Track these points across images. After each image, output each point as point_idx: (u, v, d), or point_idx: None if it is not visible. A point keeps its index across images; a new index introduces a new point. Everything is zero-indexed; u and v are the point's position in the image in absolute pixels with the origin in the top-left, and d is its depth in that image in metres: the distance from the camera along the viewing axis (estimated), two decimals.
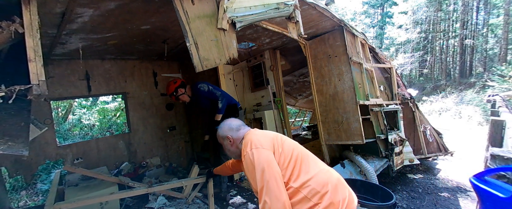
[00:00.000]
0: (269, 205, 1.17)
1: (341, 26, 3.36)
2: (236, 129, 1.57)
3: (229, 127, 1.59)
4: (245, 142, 1.42)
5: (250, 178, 1.35)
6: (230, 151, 1.60)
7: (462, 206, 3.27)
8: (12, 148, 1.23)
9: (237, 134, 1.55)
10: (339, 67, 3.46)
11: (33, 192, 4.06)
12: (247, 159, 1.31)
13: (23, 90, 1.30)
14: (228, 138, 1.56)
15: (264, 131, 1.54)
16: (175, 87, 3.40)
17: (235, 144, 1.56)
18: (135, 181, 4.02)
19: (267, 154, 1.30)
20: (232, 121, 1.64)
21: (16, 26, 1.28)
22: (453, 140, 6.55)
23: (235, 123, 1.62)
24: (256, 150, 1.31)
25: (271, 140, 1.40)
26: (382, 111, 3.68)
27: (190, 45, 1.80)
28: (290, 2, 2.12)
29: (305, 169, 1.31)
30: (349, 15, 26.27)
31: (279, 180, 1.22)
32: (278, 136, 1.47)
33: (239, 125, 1.61)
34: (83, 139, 7.63)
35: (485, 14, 17.68)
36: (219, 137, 1.61)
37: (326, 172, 1.35)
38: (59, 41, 2.87)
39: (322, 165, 1.42)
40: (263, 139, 1.39)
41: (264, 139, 1.39)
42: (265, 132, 1.52)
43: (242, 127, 1.61)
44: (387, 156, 3.61)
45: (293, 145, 1.44)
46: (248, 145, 1.36)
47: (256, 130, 1.59)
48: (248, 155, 1.31)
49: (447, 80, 18.19)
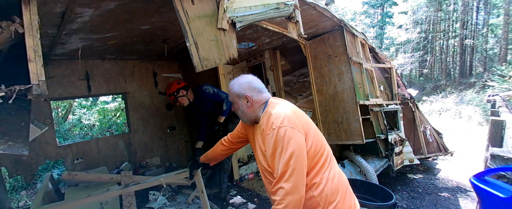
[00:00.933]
0: (286, 192, 1.05)
1: (341, 26, 3.36)
2: (259, 90, 1.34)
3: (251, 85, 1.34)
4: (274, 114, 1.18)
5: (265, 154, 1.21)
6: (244, 113, 1.37)
7: (462, 206, 3.27)
8: (12, 148, 1.23)
9: (259, 96, 1.33)
10: (339, 67, 3.46)
11: (33, 192, 4.05)
12: (275, 134, 1.12)
13: (23, 90, 1.30)
14: (247, 98, 1.31)
15: (295, 108, 1.29)
16: (178, 87, 3.37)
17: (252, 107, 1.33)
18: None
19: (301, 138, 1.13)
20: (253, 78, 1.39)
21: (16, 26, 1.28)
22: (453, 140, 6.55)
23: (257, 82, 1.38)
24: (291, 130, 1.11)
25: (306, 124, 1.21)
26: (382, 111, 3.68)
27: (190, 45, 1.80)
28: (290, 2, 2.12)
29: (326, 168, 1.20)
30: (349, 15, 26.27)
31: (305, 171, 1.11)
32: (310, 122, 1.28)
33: (262, 87, 1.38)
34: (83, 139, 7.63)
35: (485, 14, 17.68)
36: (234, 94, 1.36)
37: (340, 177, 1.26)
38: (59, 41, 2.87)
39: (338, 168, 1.32)
40: (298, 120, 1.18)
41: (299, 120, 1.19)
42: (298, 111, 1.28)
43: (265, 90, 1.39)
44: (387, 156, 3.61)
45: (322, 137, 1.29)
46: (280, 119, 1.14)
47: (282, 101, 1.35)
48: (278, 131, 1.11)
49: (447, 80, 18.18)
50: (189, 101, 3.45)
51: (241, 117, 1.41)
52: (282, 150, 1.09)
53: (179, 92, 3.37)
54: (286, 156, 1.08)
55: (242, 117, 1.40)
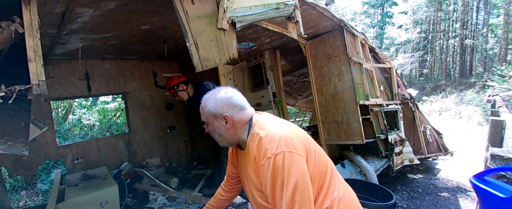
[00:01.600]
0: None
1: (341, 26, 3.36)
2: (240, 107, 1.09)
3: (230, 102, 1.08)
4: (266, 137, 0.95)
5: (261, 188, 1.00)
6: (223, 136, 1.11)
7: (462, 206, 3.27)
8: (12, 148, 1.23)
9: (240, 115, 1.08)
10: (339, 67, 3.46)
11: (33, 192, 4.05)
12: (272, 164, 0.89)
13: (23, 90, 1.30)
14: (225, 118, 1.07)
15: (286, 123, 1.08)
16: (178, 81, 3.35)
17: (233, 129, 1.09)
18: (135, 180, 4.03)
19: (302, 163, 0.91)
20: (232, 93, 1.12)
21: (16, 26, 1.28)
22: (453, 140, 6.55)
23: (237, 96, 1.11)
24: (289, 155, 0.89)
25: (304, 140, 1.00)
26: (382, 111, 3.68)
27: (190, 45, 1.80)
28: (290, 2, 2.12)
29: (334, 187, 1.03)
30: (349, 15, 26.27)
31: (312, 201, 0.91)
32: (307, 137, 1.07)
33: (244, 102, 1.12)
34: (83, 139, 7.63)
35: (485, 14, 17.69)
36: (208, 113, 1.10)
37: (350, 193, 1.10)
38: (59, 41, 2.87)
39: (343, 181, 1.13)
40: (295, 139, 0.96)
41: (296, 138, 0.97)
42: (290, 126, 1.05)
43: (246, 105, 1.13)
44: (387, 156, 3.61)
45: (321, 150, 1.08)
46: (274, 144, 0.91)
47: (267, 116, 1.13)
48: (275, 160, 0.89)
49: (447, 80, 18.18)
50: (188, 96, 3.43)
51: (219, 142, 1.16)
52: (283, 183, 0.88)
53: (179, 86, 3.35)
54: (289, 191, 0.86)
55: (221, 141, 1.15)
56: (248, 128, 1.08)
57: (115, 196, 2.88)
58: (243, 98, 1.15)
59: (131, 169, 4.22)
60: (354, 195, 1.14)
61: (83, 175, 3.39)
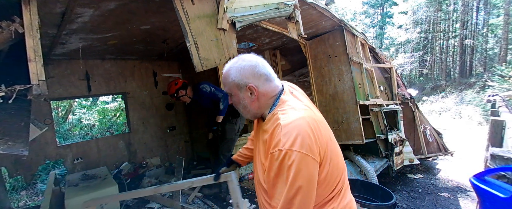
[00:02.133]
0: None
1: (341, 26, 3.36)
2: (267, 77, 0.98)
3: (256, 70, 0.97)
4: (284, 127, 0.84)
5: (264, 167, 0.93)
6: (247, 109, 1.02)
7: (462, 206, 3.27)
8: (12, 148, 1.23)
9: (266, 87, 0.97)
10: (339, 67, 3.46)
11: (33, 192, 4.05)
12: (281, 158, 0.81)
13: (23, 90, 1.30)
14: (251, 89, 0.97)
15: (314, 114, 0.93)
16: (176, 88, 3.43)
17: (258, 102, 0.99)
18: (135, 180, 4.03)
19: (313, 169, 0.83)
20: (257, 61, 1.00)
21: (16, 26, 1.28)
22: (453, 140, 6.55)
23: (263, 65, 0.99)
24: (303, 157, 0.80)
25: (324, 143, 0.88)
26: (382, 111, 3.68)
27: (190, 45, 1.80)
28: (290, 2, 2.12)
29: (342, 196, 0.96)
30: (349, 15, 26.26)
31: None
32: (331, 137, 0.96)
33: (270, 72, 1.00)
34: (83, 139, 7.63)
35: (485, 14, 17.68)
36: (231, 83, 1.01)
37: (351, 199, 1.04)
38: (59, 41, 2.87)
39: (349, 193, 1.04)
40: (317, 139, 0.85)
41: (318, 137, 0.86)
42: (318, 119, 0.91)
43: (273, 76, 1.01)
44: (387, 156, 3.61)
45: (341, 157, 0.98)
46: (290, 139, 0.81)
47: (299, 97, 1.01)
48: (285, 156, 0.80)
49: (447, 80, 18.18)
50: (190, 98, 3.52)
51: (243, 114, 1.07)
52: (286, 181, 0.81)
53: (179, 92, 3.43)
54: (292, 192, 0.80)
55: (245, 113, 1.06)
56: (273, 105, 0.97)
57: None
58: (270, 67, 1.02)
59: (131, 169, 4.22)
60: (354, 203, 1.06)
61: (83, 175, 3.39)
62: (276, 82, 1.01)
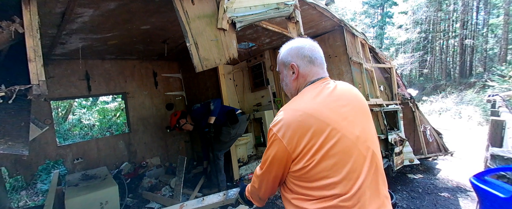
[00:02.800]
0: (255, 188, 1.09)
1: (341, 26, 3.36)
2: (310, 60, 1.00)
3: (301, 52, 1.01)
4: (282, 108, 0.95)
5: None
6: (287, 87, 1.08)
7: (462, 206, 3.27)
8: (12, 148, 1.23)
9: (307, 69, 1.00)
10: (339, 67, 3.46)
11: (33, 192, 4.05)
12: (268, 133, 0.96)
13: (23, 90, 1.30)
14: (293, 68, 1.01)
15: (319, 115, 0.88)
16: (176, 119, 3.49)
17: (297, 82, 1.03)
18: (135, 180, 4.03)
19: (278, 152, 0.91)
20: (306, 44, 1.03)
21: (16, 26, 1.28)
22: (453, 140, 6.55)
23: (310, 49, 1.02)
24: (274, 138, 0.91)
25: (308, 134, 0.86)
26: (382, 111, 3.68)
27: (190, 45, 1.80)
28: (290, 2, 2.12)
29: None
30: (349, 15, 26.27)
31: (269, 185, 1.02)
32: (329, 132, 0.86)
33: (316, 58, 1.01)
34: (83, 139, 7.63)
35: (485, 14, 17.68)
36: (280, 61, 1.07)
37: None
38: (59, 41, 2.87)
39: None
40: (293, 130, 0.87)
41: (295, 131, 0.87)
42: (319, 112, 0.88)
43: (320, 63, 1.02)
44: (387, 156, 3.61)
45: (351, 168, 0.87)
46: (276, 119, 0.91)
47: (322, 90, 0.96)
48: (269, 132, 0.95)
49: (447, 80, 18.18)
50: (192, 125, 3.58)
51: (286, 91, 1.13)
52: (266, 151, 0.97)
53: (179, 122, 3.49)
54: (264, 158, 0.97)
55: (286, 91, 1.11)
56: (304, 87, 1.02)
57: (115, 196, 2.88)
58: (320, 53, 1.04)
59: (131, 169, 4.23)
60: None
61: (83, 175, 3.39)
62: (317, 68, 1.02)
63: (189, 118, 3.55)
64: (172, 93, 4.93)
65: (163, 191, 3.69)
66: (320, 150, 0.86)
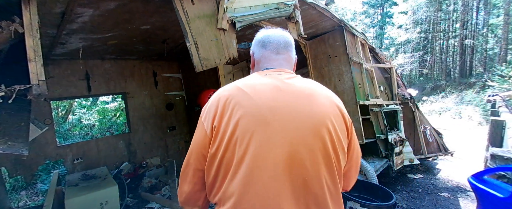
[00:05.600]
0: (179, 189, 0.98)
1: (341, 26, 3.36)
2: (262, 44, 0.96)
3: (258, 38, 0.99)
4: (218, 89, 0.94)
5: None
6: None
7: (462, 206, 3.27)
8: (12, 147, 1.23)
9: (258, 53, 0.97)
10: (339, 67, 3.46)
11: (33, 192, 4.05)
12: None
13: (23, 90, 1.30)
14: (251, 54, 1.02)
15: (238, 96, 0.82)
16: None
17: (254, 68, 1.02)
18: (135, 180, 4.03)
19: (198, 132, 0.88)
20: (269, 31, 0.98)
21: (16, 26, 1.28)
22: (453, 140, 6.54)
23: (267, 35, 0.97)
24: (200, 118, 0.91)
25: (219, 110, 0.82)
26: (382, 111, 3.68)
27: (190, 45, 1.80)
28: (290, 2, 2.12)
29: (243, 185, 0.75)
30: (349, 15, 26.25)
31: (194, 165, 0.90)
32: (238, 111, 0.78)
33: (270, 42, 0.95)
34: (83, 139, 7.63)
35: (485, 14, 17.66)
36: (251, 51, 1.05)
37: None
38: (59, 41, 2.87)
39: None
40: (213, 112, 0.83)
41: (214, 112, 0.83)
42: (237, 101, 0.80)
43: (274, 48, 0.95)
44: (387, 156, 3.61)
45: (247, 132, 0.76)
46: (204, 107, 0.91)
47: (252, 78, 0.90)
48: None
49: (447, 80, 18.18)
50: None
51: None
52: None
53: None
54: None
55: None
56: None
57: (115, 196, 2.89)
58: (276, 38, 0.96)
59: (131, 169, 4.23)
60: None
61: (83, 175, 3.39)
62: (274, 54, 0.95)
63: None
64: (172, 93, 4.93)
65: (163, 191, 3.69)
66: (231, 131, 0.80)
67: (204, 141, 0.85)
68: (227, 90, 0.89)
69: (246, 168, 0.75)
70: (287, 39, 0.97)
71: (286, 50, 0.97)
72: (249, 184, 0.74)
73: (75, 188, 2.93)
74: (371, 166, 3.35)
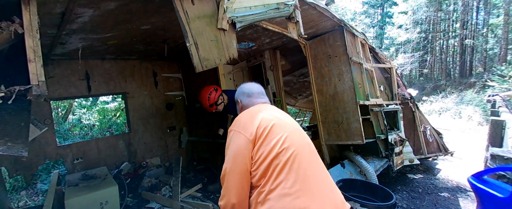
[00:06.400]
0: (223, 202, 1.12)
1: (341, 26, 3.36)
2: (248, 94, 1.43)
3: (242, 90, 1.47)
4: (237, 118, 1.28)
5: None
6: (238, 113, 1.44)
7: (462, 206, 3.27)
8: (11, 148, 1.23)
9: (246, 101, 1.42)
10: (339, 67, 3.46)
11: (33, 192, 4.05)
12: (227, 138, 1.21)
13: (23, 90, 1.30)
14: (239, 102, 1.46)
15: (262, 109, 1.29)
16: (218, 95, 3.07)
17: (242, 110, 1.42)
18: (135, 180, 4.03)
19: (240, 142, 1.13)
20: (248, 85, 1.49)
21: (15, 27, 1.27)
22: (453, 140, 6.55)
23: (249, 88, 1.46)
24: (233, 133, 1.18)
25: (253, 124, 1.16)
26: (382, 111, 3.67)
27: (190, 45, 1.80)
28: (290, 2, 2.12)
29: (285, 177, 1.05)
30: (349, 15, 26.23)
31: (241, 177, 1.09)
32: (269, 123, 1.17)
33: (252, 91, 1.43)
34: (83, 139, 7.63)
35: (485, 14, 17.66)
36: (235, 98, 1.51)
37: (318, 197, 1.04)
38: (59, 41, 2.87)
39: (322, 183, 1.11)
40: (249, 120, 1.18)
41: (250, 120, 1.18)
42: (260, 111, 1.25)
43: (255, 95, 1.42)
44: (387, 156, 3.61)
45: (278, 136, 1.13)
46: (234, 122, 1.23)
47: (262, 106, 1.35)
48: (228, 135, 1.21)
49: (447, 80, 18.18)
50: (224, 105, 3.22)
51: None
52: (226, 149, 1.18)
53: (219, 99, 3.08)
54: (226, 161, 1.15)
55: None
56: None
57: (115, 196, 2.88)
58: (256, 88, 1.46)
59: (131, 169, 4.23)
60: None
61: (83, 175, 3.39)
62: (254, 99, 1.42)
63: (225, 97, 3.21)
64: (172, 93, 4.93)
65: (163, 191, 3.69)
66: (262, 137, 1.18)
67: (248, 146, 1.13)
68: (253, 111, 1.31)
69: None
70: (260, 87, 1.50)
71: (263, 94, 1.48)
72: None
73: (75, 188, 2.93)
74: (371, 166, 3.35)
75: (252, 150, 1.11)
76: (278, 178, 1.04)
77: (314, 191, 1.04)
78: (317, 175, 1.12)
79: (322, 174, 1.15)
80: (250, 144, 1.12)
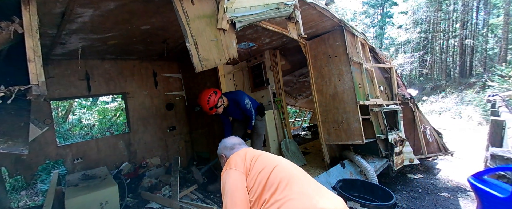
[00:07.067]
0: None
1: (341, 26, 3.36)
2: (230, 148, 1.63)
3: (224, 145, 1.67)
4: (227, 162, 1.46)
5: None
6: (223, 165, 1.62)
7: (462, 206, 3.27)
8: (11, 147, 1.23)
9: (230, 154, 1.59)
10: (339, 67, 3.46)
11: (33, 192, 4.05)
12: (221, 180, 1.36)
13: (23, 90, 1.30)
14: (223, 157, 1.63)
15: (248, 150, 1.52)
16: (217, 98, 3.08)
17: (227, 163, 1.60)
18: (135, 180, 4.03)
19: (236, 177, 1.30)
20: (229, 140, 1.70)
21: (15, 27, 1.28)
22: (453, 140, 6.55)
23: (230, 142, 1.67)
24: (227, 172, 1.35)
25: (243, 161, 1.39)
26: (382, 111, 3.68)
27: (190, 45, 1.80)
28: (290, 2, 2.12)
29: (281, 192, 1.18)
30: (349, 15, 26.23)
31: (238, 204, 1.21)
32: (254, 157, 1.42)
33: (234, 144, 1.65)
34: (83, 139, 7.63)
35: (485, 14, 17.65)
36: (219, 153, 1.69)
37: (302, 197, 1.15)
38: (59, 41, 2.87)
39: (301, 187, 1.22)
40: (240, 160, 1.39)
41: (241, 159, 1.40)
42: (247, 152, 1.49)
43: (237, 146, 1.63)
44: (387, 156, 3.61)
45: (265, 164, 1.34)
46: (226, 165, 1.42)
47: (247, 149, 1.55)
48: (222, 176, 1.37)
49: (447, 80, 18.18)
50: (223, 108, 3.24)
51: (222, 165, 1.64)
52: (223, 189, 1.32)
53: (218, 102, 3.11)
54: (224, 199, 1.27)
55: (223, 165, 1.64)
56: None
57: (115, 196, 2.88)
58: (237, 140, 1.68)
59: (131, 169, 4.23)
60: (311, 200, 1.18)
61: (83, 175, 3.39)
62: (237, 149, 1.60)
63: (225, 100, 3.24)
64: (172, 93, 4.93)
65: (163, 191, 3.69)
66: (251, 168, 1.36)
67: (242, 178, 1.31)
68: (240, 154, 1.51)
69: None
70: (240, 139, 1.73)
71: (243, 143, 1.69)
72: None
73: (75, 188, 2.93)
74: (371, 166, 3.35)
75: (246, 181, 1.29)
76: (275, 193, 1.18)
77: (310, 193, 1.19)
78: (310, 183, 1.27)
79: (316, 184, 1.28)
80: (243, 176, 1.31)
